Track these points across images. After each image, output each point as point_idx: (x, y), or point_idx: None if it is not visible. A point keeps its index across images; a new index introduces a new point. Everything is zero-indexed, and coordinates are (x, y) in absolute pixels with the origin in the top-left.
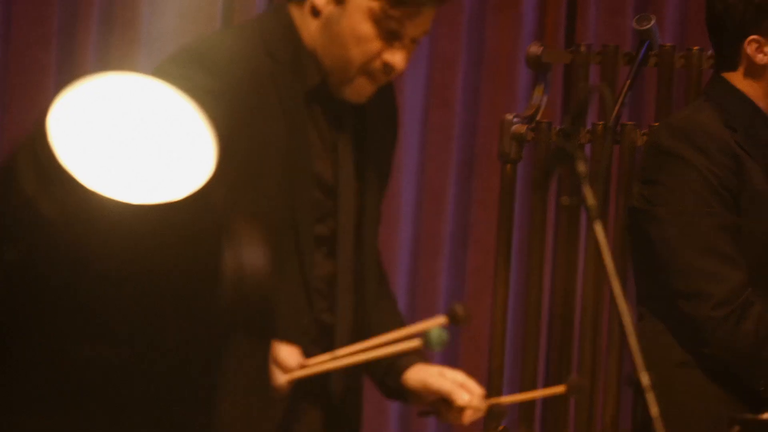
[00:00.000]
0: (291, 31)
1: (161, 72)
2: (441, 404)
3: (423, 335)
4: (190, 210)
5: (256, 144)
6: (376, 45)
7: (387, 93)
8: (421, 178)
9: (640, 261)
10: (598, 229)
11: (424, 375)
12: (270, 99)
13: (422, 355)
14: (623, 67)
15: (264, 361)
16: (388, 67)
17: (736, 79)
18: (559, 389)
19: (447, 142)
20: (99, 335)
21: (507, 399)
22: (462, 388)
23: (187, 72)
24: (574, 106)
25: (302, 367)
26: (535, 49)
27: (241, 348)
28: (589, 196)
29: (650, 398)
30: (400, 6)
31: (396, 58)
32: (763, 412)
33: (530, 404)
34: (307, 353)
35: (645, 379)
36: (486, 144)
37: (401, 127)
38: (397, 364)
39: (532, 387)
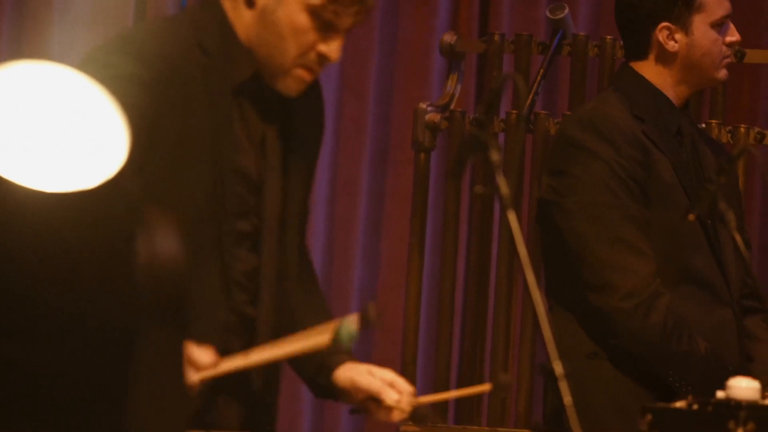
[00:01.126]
0: (223, 24)
1: (89, 59)
2: (370, 402)
3: (334, 332)
4: (103, 198)
5: (181, 136)
6: (311, 36)
7: (314, 90)
8: (335, 168)
9: (549, 253)
10: (512, 218)
11: (352, 373)
12: (198, 91)
13: (351, 353)
14: (536, 57)
15: (179, 352)
16: (322, 59)
17: (646, 68)
18: (484, 387)
19: (360, 131)
20: (9, 330)
21: (431, 398)
22: (391, 387)
23: (115, 59)
24: (488, 95)
25: (215, 366)
26: (448, 38)
27: (155, 338)
28: (503, 185)
29: (563, 387)
30: (339, 2)
31: (332, 49)
32: (674, 401)
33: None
34: (229, 346)
35: (558, 367)
36: (400, 134)
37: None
38: (327, 363)
39: (446, 377)
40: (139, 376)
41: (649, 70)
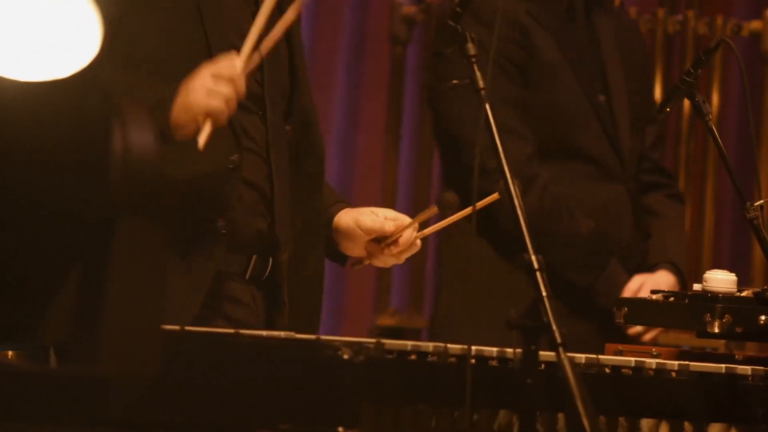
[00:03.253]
0: None
1: None
2: (373, 246)
3: None
4: (77, 89)
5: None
6: None
7: None
8: (311, 59)
9: (437, 138)
10: (488, 109)
11: (355, 214)
12: None
13: (348, 202)
14: None
15: (155, 243)
16: None
17: None
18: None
19: (337, 23)
20: None
21: (427, 232)
22: (392, 221)
23: None
24: None
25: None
26: None
27: (131, 230)
28: (479, 78)
29: (539, 279)
30: None
31: None
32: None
33: (419, 289)
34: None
35: (534, 260)
36: (376, 26)
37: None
38: (326, 214)
39: (421, 268)
40: (115, 269)
41: None
